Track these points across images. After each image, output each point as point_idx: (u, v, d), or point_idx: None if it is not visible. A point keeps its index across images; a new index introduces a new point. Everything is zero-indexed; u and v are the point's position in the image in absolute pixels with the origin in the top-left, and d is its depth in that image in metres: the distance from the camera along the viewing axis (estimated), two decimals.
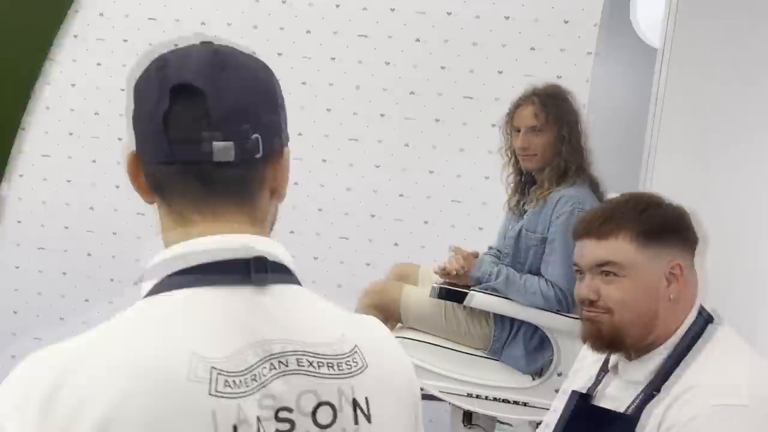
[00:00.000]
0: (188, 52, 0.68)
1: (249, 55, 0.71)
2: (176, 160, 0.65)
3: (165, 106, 0.64)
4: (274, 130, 0.69)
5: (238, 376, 0.61)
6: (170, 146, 0.64)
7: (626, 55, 2.93)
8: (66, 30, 2.86)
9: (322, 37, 2.75)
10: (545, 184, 1.90)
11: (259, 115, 0.67)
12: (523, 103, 1.96)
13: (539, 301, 1.84)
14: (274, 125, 0.69)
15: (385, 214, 2.78)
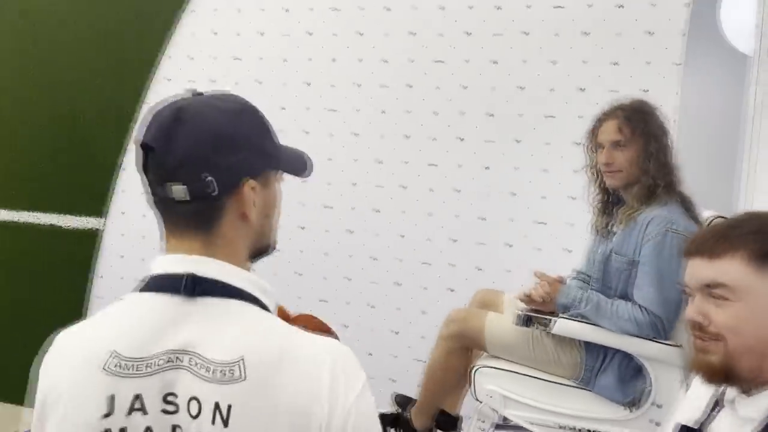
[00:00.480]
0: (161, 112, 0.86)
1: (215, 107, 0.87)
2: (157, 199, 0.87)
3: (141, 160, 0.86)
4: (231, 170, 0.85)
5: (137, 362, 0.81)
6: (151, 188, 0.87)
7: (715, 63, 2.77)
8: (159, 74, 3.05)
9: (415, 64, 2.78)
10: (633, 204, 1.81)
11: (212, 161, 0.83)
12: (606, 117, 1.89)
13: (632, 328, 1.74)
14: (231, 166, 0.85)
15: (467, 239, 2.75)
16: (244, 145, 0.87)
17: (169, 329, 0.82)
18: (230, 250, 0.87)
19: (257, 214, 0.89)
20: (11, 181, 3.29)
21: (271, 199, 0.92)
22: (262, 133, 0.90)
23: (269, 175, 0.91)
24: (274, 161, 0.92)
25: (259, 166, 0.89)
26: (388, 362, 2.85)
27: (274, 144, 0.92)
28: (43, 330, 3.49)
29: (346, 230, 2.88)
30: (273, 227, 0.95)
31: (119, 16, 3.07)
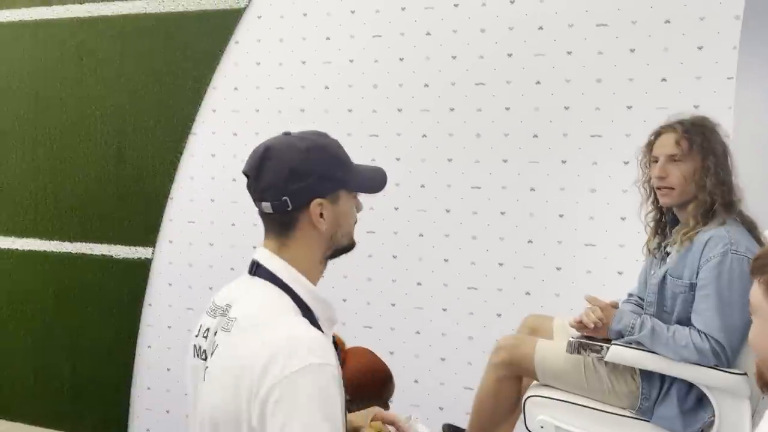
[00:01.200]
0: (257, 148, 1.19)
1: (293, 146, 1.17)
2: (258, 211, 1.20)
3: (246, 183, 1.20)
4: (300, 193, 1.15)
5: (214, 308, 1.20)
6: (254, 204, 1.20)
7: None
8: (205, 105, 3.11)
9: (456, 87, 2.77)
10: (690, 223, 1.73)
11: (287, 186, 1.15)
12: (664, 130, 1.83)
13: (692, 355, 1.65)
14: (301, 190, 1.15)
15: (514, 262, 2.69)
16: (311, 175, 1.15)
17: (234, 292, 1.19)
18: (301, 251, 1.18)
19: (328, 224, 1.18)
20: (65, 212, 3.39)
21: (341, 212, 1.20)
22: (328, 164, 1.18)
23: (339, 194, 1.19)
24: (341, 183, 1.19)
25: (325, 188, 1.17)
26: (435, 390, 2.80)
27: (343, 170, 1.20)
28: (97, 359, 3.59)
29: (390, 255, 2.86)
30: (347, 233, 1.23)
31: (166, 51, 3.16)
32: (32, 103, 3.42)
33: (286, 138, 1.19)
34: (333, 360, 1.06)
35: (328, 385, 1.03)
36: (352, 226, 1.23)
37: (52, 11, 3.37)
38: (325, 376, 1.03)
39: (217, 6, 3.07)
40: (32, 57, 3.41)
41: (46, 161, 3.41)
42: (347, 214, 1.21)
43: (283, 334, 1.06)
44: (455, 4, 2.73)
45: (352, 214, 1.23)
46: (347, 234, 1.23)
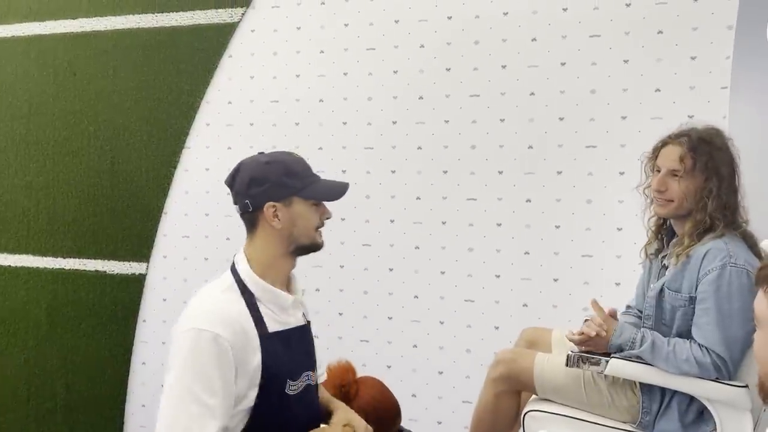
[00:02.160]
0: (236, 165, 1.49)
1: (255, 160, 1.47)
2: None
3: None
4: (257, 197, 1.43)
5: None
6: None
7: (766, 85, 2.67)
8: (199, 119, 3.10)
9: (450, 99, 2.77)
10: (685, 241, 1.71)
11: (248, 192, 1.44)
12: (670, 142, 1.78)
13: (693, 369, 1.63)
14: (258, 194, 1.43)
15: (510, 274, 2.68)
16: (267, 182, 1.43)
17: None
18: (263, 246, 1.46)
19: (283, 223, 1.44)
20: (58, 228, 3.36)
21: (295, 214, 1.45)
22: (282, 174, 1.44)
23: (293, 200, 1.44)
24: (294, 191, 1.44)
25: (279, 194, 1.44)
26: (433, 404, 2.78)
27: (297, 180, 1.45)
28: (91, 376, 3.55)
29: (387, 268, 2.85)
30: (304, 233, 1.45)
31: (159, 66, 3.15)
32: (25, 118, 3.41)
33: (255, 155, 1.50)
34: (218, 329, 1.32)
35: (202, 348, 1.31)
36: (308, 228, 1.46)
37: (45, 27, 3.36)
38: (203, 341, 1.31)
39: (211, 20, 3.07)
40: (25, 73, 3.39)
41: (39, 177, 3.39)
42: (302, 216, 1.44)
43: (192, 304, 1.40)
44: (449, 17, 2.73)
45: (308, 217, 1.45)
46: (305, 234, 1.46)
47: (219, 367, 1.31)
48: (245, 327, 1.36)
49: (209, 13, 3.07)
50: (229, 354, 1.32)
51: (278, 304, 1.44)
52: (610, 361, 1.72)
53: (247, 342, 1.35)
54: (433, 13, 2.75)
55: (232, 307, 1.38)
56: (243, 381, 1.35)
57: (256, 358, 1.36)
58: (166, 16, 3.14)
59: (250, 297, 1.41)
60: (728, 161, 1.75)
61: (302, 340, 1.50)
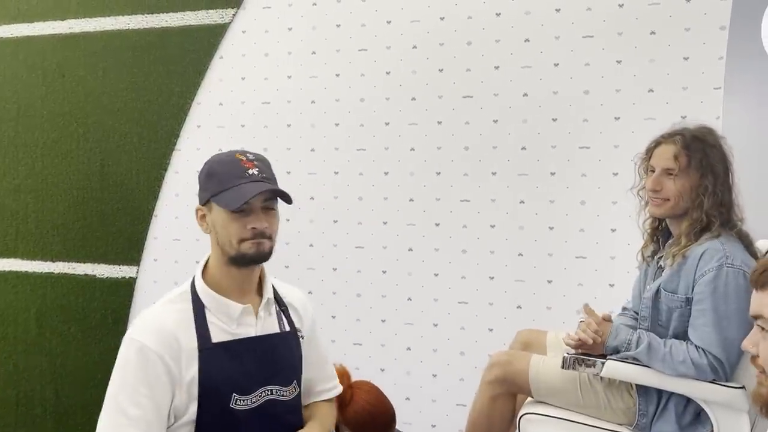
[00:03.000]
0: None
1: (214, 159, 1.42)
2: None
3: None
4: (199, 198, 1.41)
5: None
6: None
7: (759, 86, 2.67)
8: (189, 121, 3.07)
9: (444, 100, 2.75)
10: (682, 241, 1.69)
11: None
12: (664, 141, 1.76)
13: (689, 371, 1.62)
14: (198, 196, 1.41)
15: (504, 276, 2.67)
16: (199, 183, 1.41)
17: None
18: (211, 253, 1.41)
19: (210, 229, 1.38)
20: (47, 231, 3.32)
21: (214, 221, 1.37)
22: (205, 176, 1.39)
23: (211, 205, 1.37)
24: (208, 194, 1.36)
25: (201, 197, 1.40)
26: (427, 407, 2.76)
27: (215, 184, 1.35)
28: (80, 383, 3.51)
29: (380, 271, 2.83)
30: (226, 241, 1.35)
31: (150, 67, 3.12)
32: (13, 121, 3.36)
33: (216, 156, 1.45)
34: (146, 339, 1.30)
35: (129, 358, 1.30)
36: (229, 237, 1.34)
37: (33, 28, 3.32)
38: (131, 350, 1.30)
39: (201, 21, 3.04)
40: (13, 74, 3.35)
41: (28, 180, 3.35)
42: (218, 224, 1.35)
43: (143, 311, 1.38)
44: (441, 17, 2.72)
45: (226, 225, 1.34)
46: (227, 243, 1.35)
47: (144, 378, 1.27)
48: (179, 338, 1.30)
49: (200, 14, 3.04)
50: (157, 365, 1.27)
51: (227, 314, 1.36)
52: (606, 362, 1.70)
53: (180, 353, 1.30)
54: (425, 14, 2.74)
55: (169, 316, 1.33)
56: (181, 393, 1.30)
57: (191, 370, 1.30)
58: (156, 17, 3.11)
59: (199, 306, 1.35)
60: (722, 158, 1.74)
61: (264, 351, 1.38)
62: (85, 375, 3.25)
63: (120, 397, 1.28)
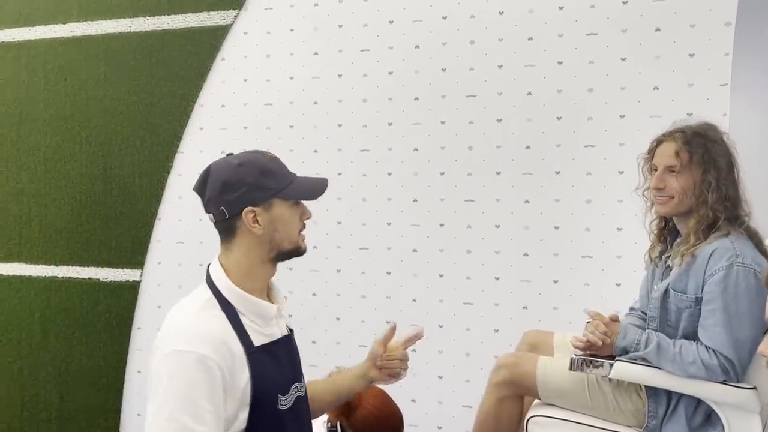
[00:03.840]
0: (204, 169, 1.36)
1: (227, 162, 1.33)
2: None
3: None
4: (233, 202, 1.30)
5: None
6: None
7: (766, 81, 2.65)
8: (192, 124, 3.06)
9: (447, 99, 2.74)
10: (691, 239, 1.67)
11: (222, 198, 1.31)
12: (665, 139, 1.76)
13: (699, 372, 1.60)
14: (233, 200, 1.30)
15: (510, 276, 2.65)
16: (242, 186, 1.30)
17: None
18: (241, 254, 1.33)
19: (264, 228, 1.31)
20: (51, 235, 3.32)
21: (276, 218, 1.32)
22: (258, 176, 1.31)
23: (272, 202, 1.32)
24: (272, 192, 1.32)
25: (257, 197, 1.31)
26: (433, 409, 2.74)
27: (275, 180, 1.32)
28: (85, 386, 3.49)
29: (384, 272, 2.81)
30: (287, 237, 1.34)
31: (152, 69, 3.11)
32: (16, 125, 3.36)
33: (225, 157, 1.36)
34: (202, 348, 1.20)
35: (186, 372, 1.19)
36: (291, 231, 1.35)
37: (35, 32, 3.32)
38: (186, 363, 1.19)
39: (203, 23, 3.03)
40: (15, 78, 3.35)
41: (31, 184, 3.34)
42: (283, 219, 1.33)
43: (173, 324, 1.28)
44: (444, 17, 2.70)
45: (290, 220, 1.34)
46: (287, 238, 1.34)
47: (207, 391, 1.18)
48: (229, 344, 1.24)
49: (201, 16, 3.03)
50: (217, 375, 1.20)
51: (262, 315, 1.33)
52: (614, 364, 1.69)
53: (233, 360, 1.24)
54: (427, 13, 2.72)
55: (213, 323, 1.26)
56: (232, 403, 1.23)
57: (244, 376, 1.25)
58: (158, 19, 3.10)
59: (231, 310, 1.29)
60: (725, 153, 1.73)
61: (288, 351, 1.40)
62: (89, 379, 3.24)
63: (183, 417, 1.16)
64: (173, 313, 1.31)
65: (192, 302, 1.31)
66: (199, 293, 1.33)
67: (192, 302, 1.31)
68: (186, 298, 1.34)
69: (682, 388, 1.65)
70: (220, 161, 1.35)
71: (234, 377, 1.23)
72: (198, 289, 1.34)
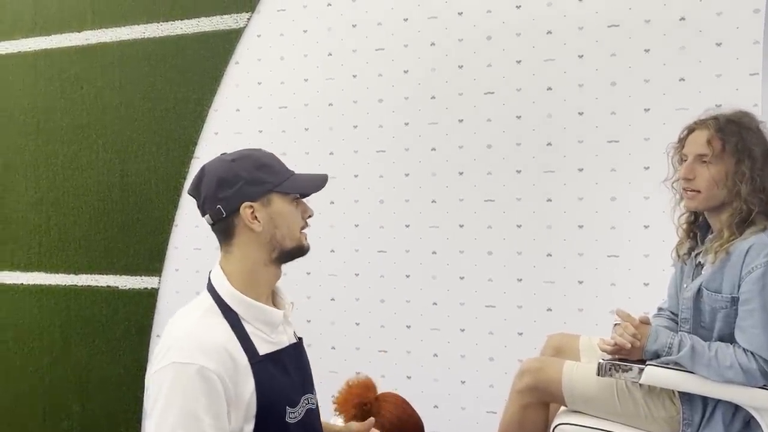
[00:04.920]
0: (199, 170, 1.31)
1: (220, 160, 1.28)
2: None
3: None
4: (230, 199, 1.24)
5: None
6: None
7: None
8: (207, 129, 3.04)
9: (464, 97, 2.67)
10: (724, 234, 1.58)
11: (218, 195, 1.24)
12: (697, 127, 1.67)
13: (737, 376, 1.51)
14: (229, 196, 1.24)
15: (533, 277, 2.57)
16: (238, 181, 1.24)
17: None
18: (242, 256, 1.27)
19: (263, 225, 1.25)
20: (69, 244, 3.32)
21: (276, 214, 1.26)
22: (254, 170, 1.25)
23: (270, 197, 1.26)
24: (270, 186, 1.25)
25: (254, 192, 1.25)
26: (456, 415, 2.67)
27: (272, 175, 1.26)
28: (105, 395, 3.48)
29: (403, 275, 2.75)
30: (287, 234, 1.27)
31: (166, 75, 3.10)
32: (34, 134, 3.37)
33: (218, 156, 1.31)
34: (201, 359, 1.14)
35: (185, 385, 1.13)
36: (293, 228, 1.28)
37: (51, 41, 3.32)
38: (185, 376, 1.13)
39: (216, 27, 3.01)
40: (33, 88, 3.36)
41: (50, 193, 3.35)
42: (283, 215, 1.27)
43: (172, 334, 1.21)
44: (459, 12, 2.64)
45: (291, 216, 1.28)
46: (289, 235, 1.28)
47: (208, 405, 1.12)
48: (232, 353, 1.18)
49: (214, 20, 3.01)
50: (218, 387, 1.14)
51: (267, 322, 1.26)
52: (645, 368, 1.60)
53: (236, 370, 1.17)
54: (443, 10, 2.66)
55: (215, 332, 1.19)
56: (237, 415, 1.17)
57: (248, 387, 1.18)
58: (171, 24, 3.09)
59: (233, 317, 1.22)
60: (760, 142, 1.62)
61: (298, 359, 1.32)
62: (110, 387, 3.23)
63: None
64: (172, 323, 1.25)
65: (192, 311, 1.25)
66: (199, 301, 1.26)
67: (192, 311, 1.25)
68: (186, 307, 1.27)
69: (719, 394, 1.56)
70: (213, 160, 1.29)
71: (238, 388, 1.17)
72: (199, 297, 1.27)
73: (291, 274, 1.42)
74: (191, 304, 1.27)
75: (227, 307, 1.23)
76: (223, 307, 1.23)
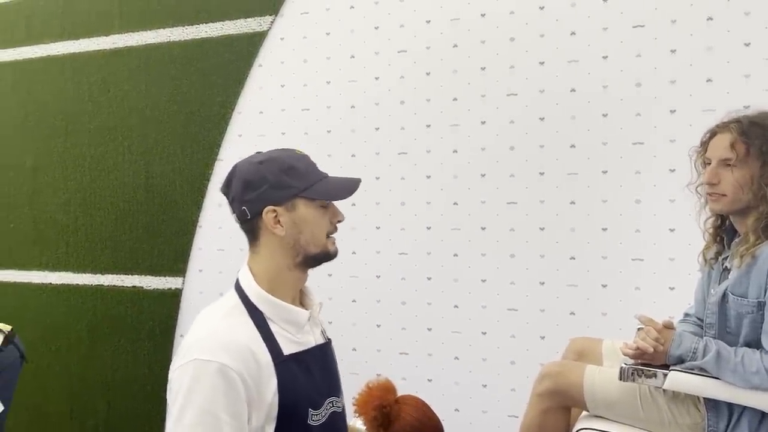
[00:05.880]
0: (230, 169, 1.31)
1: (249, 161, 1.28)
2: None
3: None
4: (254, 201, 1.24)
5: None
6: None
7: None
8: (231, 131, 3.07)
9: (486, 99, 2.66)
10: (750, 238, 1.55)
11: (244, 197, 1.25)
12: (720, 130, 1.63)
13: (764, 382, 1.48)
14: (254, 199, 1.24)
15: (556, 280, 2.54)
16: (263, 184, 1.24)
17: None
18: (267, 258, 1.27)
19: (286, 230, 1.25)
20: (95, 244, 3.37)
21: (300, 219, 1.25)
22: (280, 174, 1.24)
23: (295, 202, 1.25)
24: (295, 191, 1.24)
25: (278, 196, 1.24)
26: (477, 419, 2.66)
27: (298, 179, 1.25)
28: (131, 393, 3.53)
29: (424, 277, 2.75)
30: (312, 239, 1.26)
31: (191, 78, 3.13)
32: (62, 137, 3.44)
33: (251, 155, 1.31)
34: (223, 357, 1.14)
35: (206, 383, 1.12)
36: (318, 234, 1.27)
37: (79, 44, 3.39)
38: (206, 373, 1.13)
39: (240, 30, 3.04)
40: (60, 91, 3.43)
41: (77, 194, 3.41)
42: (307, 221, 1.25)
43: (196, 332, 1.22)
44: (482, 14, 2.63)
45: (316, 221, 1.26)
46: (313, 241, 1.27)
47: (227, 403, 1.12)
48: (256, 352, 1.17)
49: (238, 23, 3.04)
50: (239, 386, 1.13)
51: (292, 322, 1.25)
52: (668, 374, 1.57)
53: (259, 370, 1.16)
54: (465, 12, 2.66)
55: (239, 330, 1.19)
56: (258, 416, 1.16)
57: (271, 387, 1.17)
58: (196, 27, 3.12)
59: (259, 317, 1.22)
60: None
61: (324, 361, 1.31)
62: (135, 387, 3.27)
63: (201, 430, 1.12)
64: (197, 321, 1.25)
65: (218, 309, 1.25)
66: (226, 299, 1.27)
67: (218, 309, 1.25)
68: (212, 305, 1.28)
69: (745, 400, 1.53)
70: (244, 161, 1.30)
71: (260, 388, 1.16)
72: (225, 296, 1.28)
73: (312, 275, 1.41)
74: (217, 303, 1.27)
75: (253, 306, 1.23)
76: (249, 306, 1.23)
